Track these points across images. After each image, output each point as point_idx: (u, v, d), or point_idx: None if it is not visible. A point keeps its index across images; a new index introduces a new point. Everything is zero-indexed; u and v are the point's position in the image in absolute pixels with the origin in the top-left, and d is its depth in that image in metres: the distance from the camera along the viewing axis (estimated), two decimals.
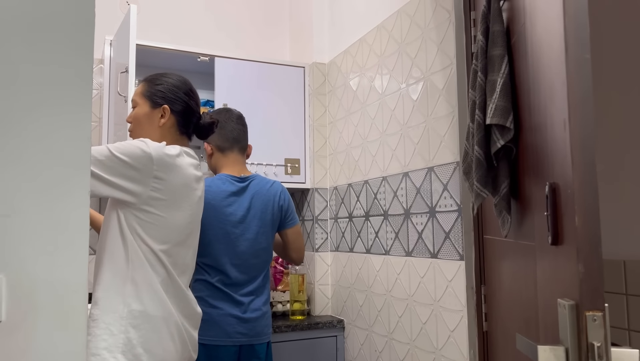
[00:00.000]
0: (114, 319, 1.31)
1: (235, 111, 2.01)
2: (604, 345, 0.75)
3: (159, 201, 1.37)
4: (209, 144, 1.97)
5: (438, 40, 1.80)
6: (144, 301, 1.34)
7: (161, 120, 1.51)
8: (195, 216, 1.50)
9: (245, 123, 2.01)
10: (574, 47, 0.81)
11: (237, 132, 1.96)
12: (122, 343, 1.30)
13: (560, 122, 0.86)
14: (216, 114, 2.00)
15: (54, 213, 1.03)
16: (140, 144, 1.35)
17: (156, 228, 1.37)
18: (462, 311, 1.62)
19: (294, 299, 2.41)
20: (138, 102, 1.54)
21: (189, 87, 1.59)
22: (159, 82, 1.54)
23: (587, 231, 0.78)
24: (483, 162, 1.16)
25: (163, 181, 1.37)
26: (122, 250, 1.35)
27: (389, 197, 2.09)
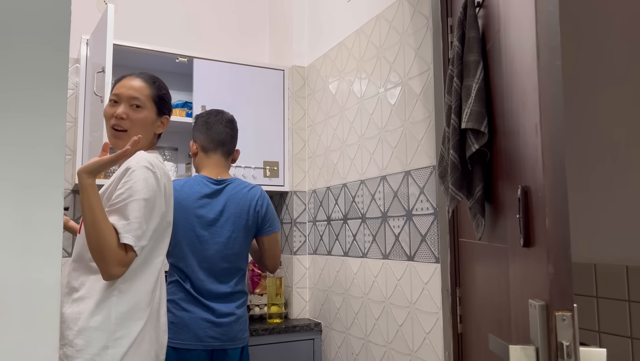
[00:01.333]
0: (100, 337, 1.31)
1: (227, 114, 2.01)
2: (573, 344, 0.77)
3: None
4: (194, 143, 1.97)
5: (416, 46, 1.82)
6: (130, 313, 1.35)
7: (159, 128, 1.55)
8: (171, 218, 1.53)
9: (235, 127, 2.00)
10: (546, 54, 0.83)
11: (223, 135, 1.95)
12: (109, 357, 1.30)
13: (531, 127, 0.88)
14: (207, 114, 2.00)
15: (26, 215, 1.01)
16: (149, 176, 1.38)
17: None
18: (437, 313, 1.64)
19: (272, 303, 2.41)
20: (147, 106, 1.50)
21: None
22: (162, 88, 1.56)
23: (557, 233, 0.80)
24: (458, 166, 1.18)
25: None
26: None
27: (366, 200, 2.10)
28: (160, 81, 1.57)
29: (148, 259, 1.40)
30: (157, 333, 1.44)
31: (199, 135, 1.96)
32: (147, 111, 1.49)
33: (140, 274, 1.38)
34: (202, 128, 1.95)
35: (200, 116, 2.00)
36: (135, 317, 1.35)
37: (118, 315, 1.32)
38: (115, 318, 1.32)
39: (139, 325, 1.35)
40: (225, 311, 1.82)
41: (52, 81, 1.03)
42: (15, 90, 1.00)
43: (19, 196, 0.99)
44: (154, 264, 1.42)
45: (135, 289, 1.36)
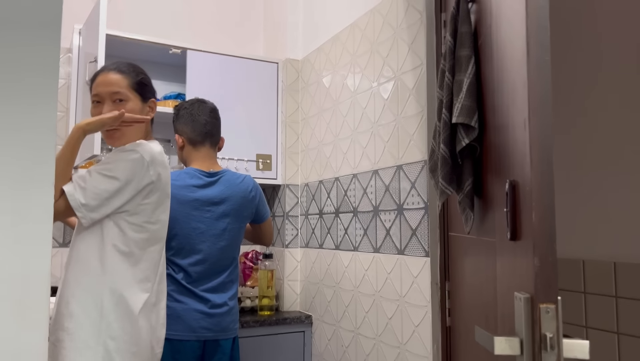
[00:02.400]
0: (91, 332, 1.30)
1: (209, 103, 1.99)
2: (556, 335, 0.78)
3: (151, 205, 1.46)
4: (180, 136, 1.95)
5: (409, 41, 1.82)
6: (125, 308, 1.36)
7: (150, 114, 1.53)
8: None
9: (218, 117, 2.00)
10: (535, 49, 0.84)
11: (210, 126, 1.94)
12: (101, 356, 1.30)
13: (520, 122, 0.89)
14: (189, 105, 1.97)
15: (16, 204, 1.01)
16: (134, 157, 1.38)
17: (143, 228, 1.44)
18: (426, 306, 1.66)
19: (263, 295, 2.42)
20: (129, 97, 1.47)
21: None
22: (139, 73, 1.53)
23: (544, 227, 0.81)
24: (448, 160, 1.19)
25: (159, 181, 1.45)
26: (98, 259, 1.35)
27: (358, 194, 2.11)
28: (135, 66, 1.54)
29: (144, 249, 1.41)
30: (154, 326, 1.45)
31: (185, 128, 1.93)
32: (131, 102, 1.47)
33: (134, 264, 1.38)
34: (186, 120, 1.93)
35: (182, 108, 1.97)
36: (129, 305, 1.35)
37: (111, 300, 1.33)
38: (107, 304, 1.32)
39: (132, 312, 1.35)
40: (218, 302, 1.83)
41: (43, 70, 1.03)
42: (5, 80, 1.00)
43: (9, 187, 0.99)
44: (149, 255, 1.42)
45: (129, 278, 1.37)
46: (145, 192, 1.39)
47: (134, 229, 1.38)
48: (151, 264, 1.43)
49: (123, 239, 1.36)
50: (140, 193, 1.38)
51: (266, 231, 2.09)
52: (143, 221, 1.40)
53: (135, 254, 1.39)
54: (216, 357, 1.83)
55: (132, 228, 1.38)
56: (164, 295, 1.53)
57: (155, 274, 1.45)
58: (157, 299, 1.47)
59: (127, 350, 1.33)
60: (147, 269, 1.41)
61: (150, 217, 1.42)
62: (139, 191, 1.38)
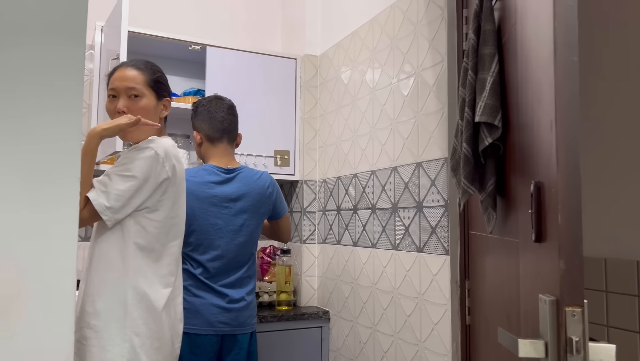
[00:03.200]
0: (116, 328, 1.33)
1: (226, 100, 2.00)
2: (582, 339, 0.78)
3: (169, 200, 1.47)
4: (198, 133, 1.96)
5: (430, 37, 1.81)
6: (148, 304, 1.38)
7: (163, 112, 1.55)
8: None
9: (236, 113, 2.01)
10: (563, 50, 0.83)
11: (227, 123, 1.95)
12: (127, 352, 1.33)
13: (546, 122, 0.88)
14: (207, 102, 1.98)
15: (42, 199, 1.03)
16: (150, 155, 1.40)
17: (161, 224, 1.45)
18: (445, 304, 1.65)
19: (281, 290, 2.43)
20: (145, 93, 1.48)
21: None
22: (155, 71, 1.54)
23: (570, 229, 0.80)
24: (471, 160, 1.18)
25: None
26: (119, 256, 1.38)
27: (377, 191, 2.11)
28: (153, 64, 1.56)
29: (164, 245, 1.43)
30: (173, 321, 1.47)
31: (203, 125, 1.95)
32: (146, 98, 1.48)
33: (156, 260, 1.40)
34: (204, 117, 1.94)
35: (200, 105, 1.98)
36: (151, 301, 1.37)
37: (134, 297, 1.35)
38: (131, 300, 1.34)
39: (156, 308, 1.37)
40: (236, 297, 1.85)
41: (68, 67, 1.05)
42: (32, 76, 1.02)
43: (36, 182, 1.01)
44: (170, 251, 1.44)
45: (151, 274, 1.39)
46: (163, 187, 1.41)
47: (154, 225, 1.40)
48: (172, 260, 1.45)
49: (144, 236, 1.38)
50: (158, 188, 1.40)
51: (284, 227, 2.10)
52: (163, 217, 1.42)
53: (156, 250, 1.41)
54: (234, 351, 1.85)
55: (153, 224, 1.40)
56: (180, 291, 1.55)
57: (177, 269, 1.47)
58: (175, 294, 1.49)
59: (150, 345, 1.36)
60: (169, 264, 1.43)
61: (170, 212, 1.44)
62: (157, 186, 1.40)
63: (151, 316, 1.37)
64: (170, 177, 1.43)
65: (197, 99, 2.44)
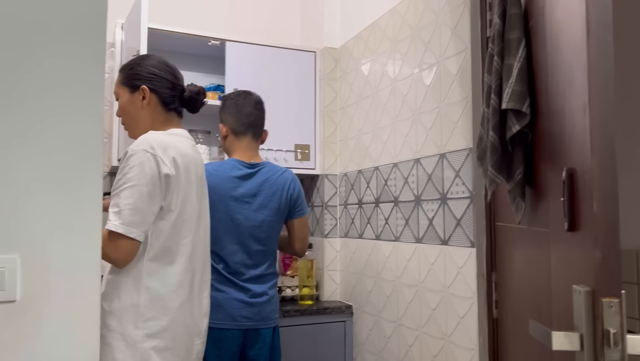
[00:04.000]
0: (128, 329, 1.32)
1: (254, 95, 2.00)
2: (620, 331, 0.74)
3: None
4: (224, 125, 1.96)
5: (452, 25, 1.77)
6: (162, 305, 1.37)
7: (143, 101, 1.49)
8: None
9: (263, 109, 2.00)
10: (596, 30, 0.79)
11: (253, 117, 1.95)
12: (140, 354, 1.32)
13: (579, 107, 0.84)
14: (235, 95, 1.99)
15: (67, 196, 1.03)
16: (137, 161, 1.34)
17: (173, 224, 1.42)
18: (472, 298, 1.62)
19: (303, 285, 2.42)
20: (119, 93, 1.52)
21: (165, 63, 1.55)
22: (132, 65, 1.53)
23: (605, 216, 0.77)
24: (498, 148, 1.15)
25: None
26: (135, 259, 1.35)
27: (399, 183, 2.08)
28: (134, 59, 1.55)
29: (177, 243, 1.40)
30: (195, 317, 1.46)
31: (229, 118, 1.95)
32: (121, 97, 1.52)
33: (171, 260, 1.38)
34: (231, 111, 1.95)
35: (229, 98, 1.99)
36: (165, 302, 1.36)
37: (147, 298, 1.34)
38: (144, 302, 1.33)
39: (169, 309, 1.36)
40: (258, 291, 1.85)
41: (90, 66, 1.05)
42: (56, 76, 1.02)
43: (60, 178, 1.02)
44: (184, 248, 1.41)
45: (165, 274, 1.37)
46: (167, 182, 1.36)
47: (167, 225, 1.37)
48: (186, 258, 1.41)
49: (157, 235, 1.36)
50: (164, 184, 1.35)
51: (299, 231, 1.99)
52: (176, 216, 1.38)
53: (171, 249, 1.38)
54: (257, 346, 1.85)
55: (166, 224, 1.37)
56: (207, 285, 1.54)
57: (192, 265, 1.43)
58: (200, 288, 1.48)
59: (164, 346, 1.34)
60: (183, 262, 1.40)
61: (180, 209, 1.40)
62: (162, 181, 1.34)
63: (165, 317, 1.35)
64: (173, 173, 1.36)
65: (218, 94, 2.45)
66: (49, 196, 1.00)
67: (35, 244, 0.99)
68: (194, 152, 1.51)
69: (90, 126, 1.04)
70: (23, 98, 0.99)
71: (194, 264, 1.45)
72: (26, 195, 0.99)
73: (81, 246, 1.03)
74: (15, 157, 0.99)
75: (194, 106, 1.60)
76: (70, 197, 1.02)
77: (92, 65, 1.05)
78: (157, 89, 1.50)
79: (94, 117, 1.05)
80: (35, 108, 0.99)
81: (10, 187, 0.98)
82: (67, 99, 1.02)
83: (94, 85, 1.05)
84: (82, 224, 1.03)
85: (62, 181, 1.01)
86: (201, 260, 1.50)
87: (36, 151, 0.99)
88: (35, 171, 0.99)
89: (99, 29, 1.05)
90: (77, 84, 1.03)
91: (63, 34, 1.02)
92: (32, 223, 0.99)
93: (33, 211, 0.99)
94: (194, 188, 1.47)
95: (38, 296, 0.99)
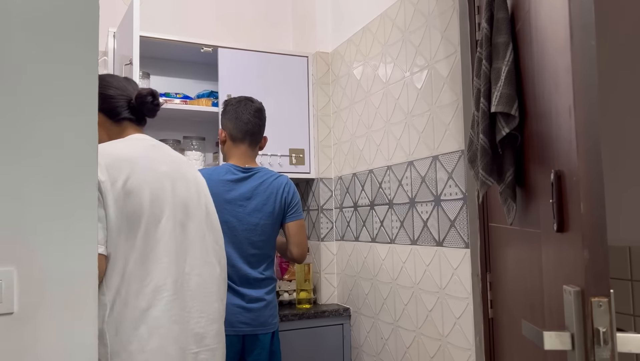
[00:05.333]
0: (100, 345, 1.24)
1: (256, 103, 2.00)
2: (610, 330, 0.76)
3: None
4: (223, 130, 1.99)
5: (442, 28, 1.79)
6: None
7: (100, 119, 1.43)
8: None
9: (262, 117, 2.00)
10: (579, 34, 0.81)
11: (251, 125, 1.96)
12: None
13: (565, 109, 0.86)
14: (236, 102, 1.99)
15: (63, 205, 1.04)
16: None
17: None
18: (467, 298, 1.63)
19: (300, 288, 2.43)
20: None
21: (103, 79, 1.46)
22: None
23: (593, 217, 0.78)
24: (488, 151, 1.16)
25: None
26: None
27: (393, 186, 2.09)
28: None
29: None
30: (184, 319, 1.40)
31: (228, 124, 1.97)
32: None
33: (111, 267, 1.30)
34: (231, 117, 1.97)
35: (230, 104, 2.00)
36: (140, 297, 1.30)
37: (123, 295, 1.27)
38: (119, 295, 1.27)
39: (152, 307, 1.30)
40: (255, 296, 1.85)
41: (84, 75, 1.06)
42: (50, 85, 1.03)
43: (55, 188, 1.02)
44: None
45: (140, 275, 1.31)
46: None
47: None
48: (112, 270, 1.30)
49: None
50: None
51: (295, 234, 1.97)
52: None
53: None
54: (255, 351, 1.85)
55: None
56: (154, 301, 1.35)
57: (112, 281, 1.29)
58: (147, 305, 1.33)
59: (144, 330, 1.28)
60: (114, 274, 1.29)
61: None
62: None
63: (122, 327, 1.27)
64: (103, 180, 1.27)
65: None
66: (44, 206, 1.01)
67: (32, 256, 1.00)
68: (149, 152, 1.42)
69: (84, 134, 1.05)
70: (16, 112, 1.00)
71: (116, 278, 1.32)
72: (21, 206, 0.99)
73: (77, 254, 1.04)
74: (8, 168, 0.99)
75: (146, 109, 1.50)
76: (66, 207, 1.02)
77: (85, 75, 1.05)
78: (101, 107, 1.35)
79: (88, 128, 1.06)
80: (29, 121, 1.00)
81: (4, 199, 0.98)
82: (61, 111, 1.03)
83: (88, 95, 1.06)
84: (78, 233, 1.04)
85: (57, 191, 1.02)
86: (129, 273, 1.35)
87: (30, 161, 1.00)
88: (30, 182, 1.00)
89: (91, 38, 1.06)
90: (70, 95, 1.04)
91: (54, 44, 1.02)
92: (28, 235, 0.99)
93: (29, 222, 0.99)
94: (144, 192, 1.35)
95: (36, 307, 1.00)
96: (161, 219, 1.35)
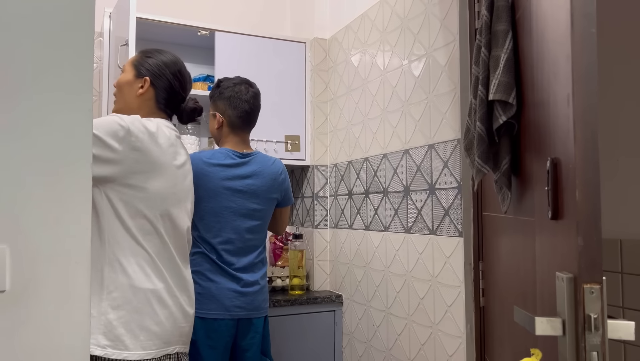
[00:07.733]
0: (93, 302, 1.31)
1: (254, 88, 1.96)
2: (601, 316, 0.76)
3: (141, 174, 1.36)
4: (221, 115, 1.92)
5: (441, 16, 1.78)
6: (127, 279, 1.34)
7: (139, 90, 1.52)
8: (180, 186, 1.48)
9: (259, 102, 1.98)
10: (580, 21, 0.81)
11: (252, 115, 1.94)
12: (103, 324, 1.31)
13: (563, 97, 0.86)
14: (234, 85, 1.92)
15: (56, 185, 1.03)
16: (115, 119, 1.34)
17: (140, 200, 1.36)
18: (459, 286, 1.64)
19: (293, 275, 2.44)
20: (125, 69, 1.56)
21: (179, 69, 1.56)
22: (150, 55, 1.55)
23: (588, 205, 0.78)
24: (485, 139, 1.17)
25: (142, 153, 1.36)
26: (97, 231, 1.33)
27: (389, 174, 2.10)
28: (155, 50, 1.58)
29: (101, 213, 1.35)
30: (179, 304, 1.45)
31: (228, 110, 1.90)
32: (124, 73, 1.55)
33: (133, 236, 1.37)
34: (231, 103, 1.90)
35: (227, 87, 1.92)
36: (129, 276, 1.34)
37: (110, 271, 1.33)
38: (107, 274, 1.32)
39: (133, 285, 1.35)
40: (250, 280, 1.86)
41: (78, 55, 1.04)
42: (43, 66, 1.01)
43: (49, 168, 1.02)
44: (119, 222, 1.36)
45: (127, 249, 1.36)
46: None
47: (128, 200, 1.37)
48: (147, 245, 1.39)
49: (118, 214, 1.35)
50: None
51: (284, 217, 2.09)
52: (136, 190, 1.38)
53: (132, 230, 1.36)
54: (249, 335, 1.86)
55: (126, 198, 1.36)
56: (182, 281, 1.47)
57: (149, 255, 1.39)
58: (169, 285, 1.42)
59: (132, 320, 1.33)
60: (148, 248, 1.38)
61: (144, 185, 1.38)
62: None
63: (130, 291, 1.34)
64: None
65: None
66: (37, 185, 1.00)
67: (24, 234, 0.99)
68: (174, 139, 1.49)
69: (79, 116, 1.04)
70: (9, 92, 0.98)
71: (170, 241, 1.45)
72: (14, 185, 0.98)
73: (70, 234, 1.03)
74: (1, 148, 0.98)
75: (185, 118, 1.64)
76: (59, 185, 1.02)
77: (80, 55, 1.04)
78: (157, 87, 1.53)
79: (83, 108, 1.05)
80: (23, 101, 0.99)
81: None
82: (55, 91, 1.02)
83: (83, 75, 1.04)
84: (71, 213, 1.03)
85: (50, 171, 1.01)
86: (183, 245, 1.51)
87: (23, 141, 0.99)
88: (23, 161, 0.99)
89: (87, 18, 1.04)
90: (65, 75, 1.02)
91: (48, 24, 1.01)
92: (20, 213, 0.99)
93: (21, 200, 0.99)
94: (167, 170, 1.44)
95: (28, 285, 1.00)
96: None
